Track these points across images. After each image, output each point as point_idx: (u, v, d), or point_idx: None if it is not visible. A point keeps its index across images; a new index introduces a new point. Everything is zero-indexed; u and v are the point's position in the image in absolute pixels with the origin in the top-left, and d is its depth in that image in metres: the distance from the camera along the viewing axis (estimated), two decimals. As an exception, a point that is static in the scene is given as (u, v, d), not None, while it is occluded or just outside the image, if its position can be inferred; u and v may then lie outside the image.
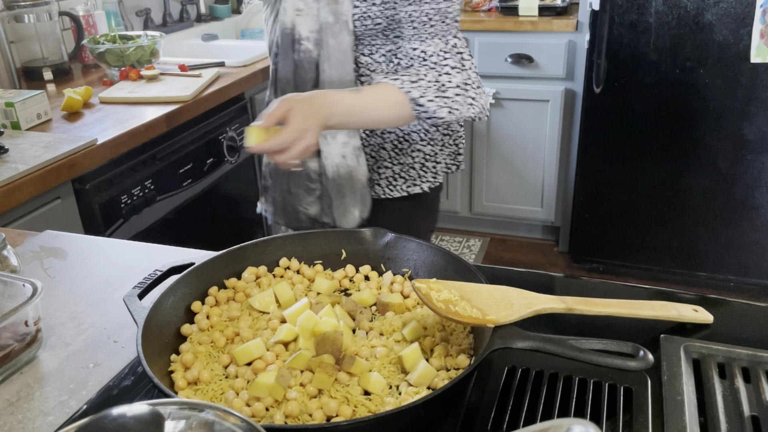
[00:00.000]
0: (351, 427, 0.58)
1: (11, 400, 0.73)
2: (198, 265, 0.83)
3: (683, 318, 0.80)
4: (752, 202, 2.50)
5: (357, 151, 1.26)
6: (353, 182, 1.27)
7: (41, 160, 1.46)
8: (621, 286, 0.93)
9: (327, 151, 1.25)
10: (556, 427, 0.46)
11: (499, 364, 0.75)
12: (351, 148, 1.26)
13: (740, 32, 2.28)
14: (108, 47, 2.11)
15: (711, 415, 0.66)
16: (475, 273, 0.78)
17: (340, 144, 1.25)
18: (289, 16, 1.19)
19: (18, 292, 0.79)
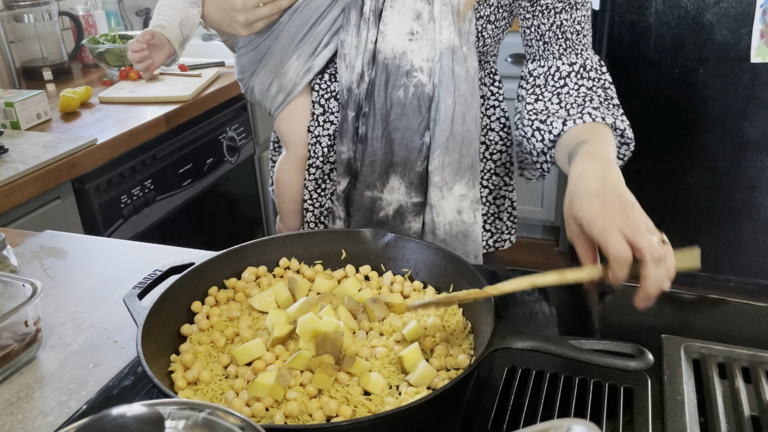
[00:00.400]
0: (351, 427, 0.58)
1: (11, 400, 0.73)
2: (198, 265, 0.83)
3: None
4: (752, 202, 2.50)
5: (475, 204, 1.05)
6: (467, 244, 1.06)
7: (41, 160, 1.46)
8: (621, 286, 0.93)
9: (440, 205, 1.03)
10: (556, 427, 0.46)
11: (499, 364, 0.75)
12: (469, 201, 1.04)
13: (740, 32, 2.28)
14: (108, 47, 2.11)
15: (711, 415, 0.66)
16: (475, 273, 0.78)
17: (456, 197, 1.03)
18: (396, 43, 0.96)
19: (18, 292, 0.79)
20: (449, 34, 0.94)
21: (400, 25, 0.95)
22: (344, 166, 1.06)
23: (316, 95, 1.08)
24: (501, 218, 1.16)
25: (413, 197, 1.05)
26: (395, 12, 0.95)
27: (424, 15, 0.95)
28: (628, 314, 0.86)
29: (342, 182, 1.07)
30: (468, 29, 0.95)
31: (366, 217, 1.08)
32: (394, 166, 1.04)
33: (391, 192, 1.06)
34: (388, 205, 1.07)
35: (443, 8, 0.94)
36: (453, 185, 1.02)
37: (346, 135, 1.04)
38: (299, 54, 1.03)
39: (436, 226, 1.05)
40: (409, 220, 1.06)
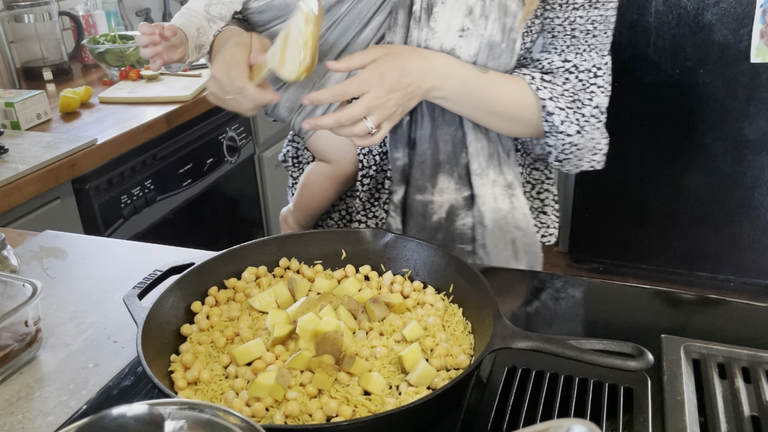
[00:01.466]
0: (351, 427, 0.58)
1: (11, 400, 0.73)
2: (198, 265, 0.83)
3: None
4: (752, 202, 2.50)
5: (508, 190, 1.03)
6: (510, 230, 1.04)
7: (41, 160, 1.46)
8: (621, 286, 0.93)
9: (483, 193, 1.02)
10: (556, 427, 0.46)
11: (499, 364, 0.75)
12: (500, 187, 1.03)
13: (740, 32, 2.28)
14: (108, 47, 2.11)
15: (711, 415, 0.66)
16: (475, 273, 0.78)
17: (490, 183, 1.03)
18: (446, 38, 0.92)
19: (18, 292, 0.79)
20: (492, 30, 0.91)
21: (452, 21, 0.91)
22: (400, 173, 1.03)
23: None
24: (545, 212, 1.14)
25: (463, 192, 1.03)
26: (447, 8, 0.91)
27: (476, 10, 0.91)
28: (628, 314, 0.86)
29: (398, 191, 1.04)
30: (512, 25, 0.92)
31: (419, 224, 1.05)
32: (441, 164, 1.02)
33: (441, 193, 1.04)
34: (440, 208, 1.04)
35: (491, 3, 0.91)
36: (488, 171, 1.02)
37: (401, 141, 1.01)
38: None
39: (484, 216, 1.03)
40: (461, 217, 1.04)
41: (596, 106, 0.96)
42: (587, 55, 0.96)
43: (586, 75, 0.96)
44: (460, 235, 1.05)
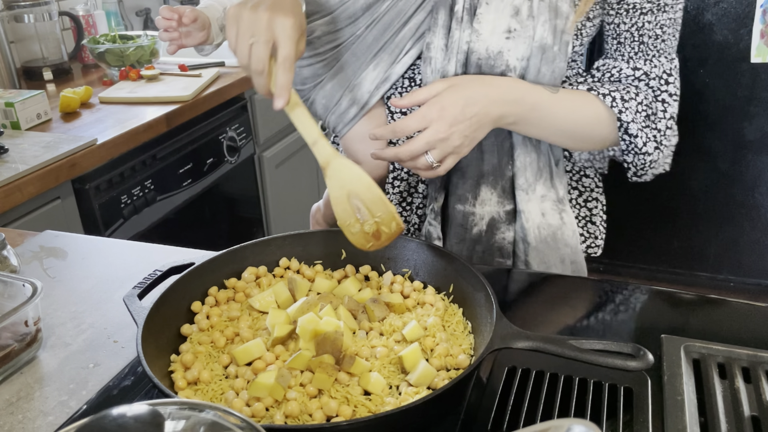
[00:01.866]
0: (351, 427, 0.58)
1: (11, 400, 0.73)
2: (198, 265, 0.83)
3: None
4: (752, 202, 2.50)
5: (559, 205, 1.00)
6: (558, 248, 1.01)
7: (41, 160, 1.46)
8: (621, 285, 0.93)
9: (527, 209, 0.99)
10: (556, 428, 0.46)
11: (499, 364, 0.75)
12: (551, 201, 1.00)
13: (740, 32, 2.28)
14: (108, 47, 2.11)
15: (711, 415, 0.66)
16: (475, 273, 0.78)
17: (538, 198, 0.99)
18: (491, 41, 0.88)
19: (18, 292, 0.79)
20: (543, 32, 0.87)
21: (497, 22, 0.87)
22: (439, 180, 1.00)
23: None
24: (594, 222, 1.10)
25: (506, 205, 1.01)
26: (491, 8, 0.88)
27: (523, 11, 0.87)
28: (628, 314, 0.86)
29: (439, 198, 1.02)
30: (563, 27, 0.88)
31: (459, 235, 1.03)
32: (485, 175, 0.99)
33: (483, 205, 1.01)
34: (481, 220, 1.01)
35: (541, 3, 0.87)
36: (535, 186, 0.99)
37: None
38: (377, 63, 0.96)
39: (527, 233, 0.99)
40: (502, 230, 1.01)
41: (670, 117, 0.94)
42: (656, 61, 0.93)
43: (657, 83, 0.93)
44: (499, 249, 1.02)
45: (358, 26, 0.95)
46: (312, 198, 2.69)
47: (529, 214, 0.99)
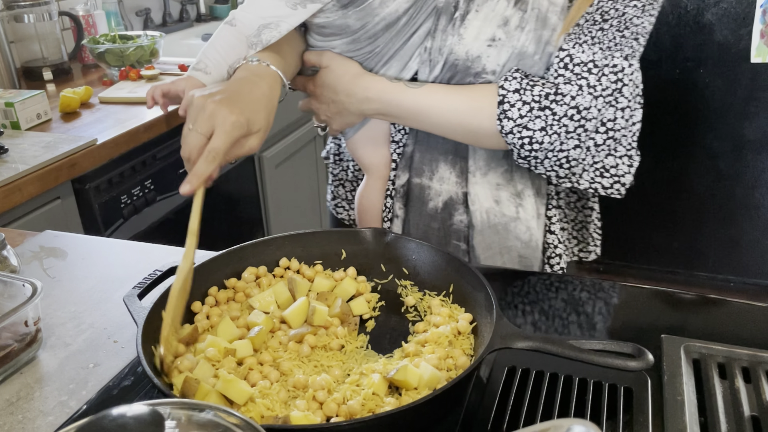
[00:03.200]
0: (351, 427, 0.58)
1: (11, 400, 0.73)
2: (198, 265, 0.83)
3: None
4: (752, 202, 2.50)
5: (518, 199, 1.00)
6: (509, 239, 1.00)
7: (41, 160, 1.46)
8: (621, 286, 0.93)
9: (474, 192, 1.00)
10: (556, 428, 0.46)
11: (499, 364, 0.75)
12: (508, 193, 1.00)
13: (740, 32, 2.28)
14: (108, 47, 2.11)
15: (711, 415, 0.66)
16: (475, 273, 0.78)
17: (492, 185, 1.00)
18: (472, 46, 0.90)
19: (18, 292, 0.79)
20: (525, 41, 0.88)
21: (482, 29, 0.89)
22: (405, 159, 1.04)
23: None
24: (587, 228, 1.12)
25: (463, 187, 1.02)
26: (480, 16, 0.90)
27: (513, 22, 0.88)
28: (628, 314, 0.86)
29: (401, 176, 1.04)
30: (548, 38, 0.88)
31: (416, 208, 1.04)
32: (444, 153, 1.01)
33: (441, 182, 1.02)
34: (437, 196, 1.03)
35: (531, 14, 0.88)
36: (487, 171, 0.99)
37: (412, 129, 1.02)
38: (386, 70, 0.98)
39: (473, 216, 1.00)
40: (460, 212, 1.02)
41: (574, 107, 0.87)
42: (588, 48, 0.87)
43: (580, 69, 0.87)
44: (456, 231, 1.03)
45: (377, 44, 0.97)
46: (312, 198, 2.68)
47: (476, 197, 1.00)
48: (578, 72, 0.88)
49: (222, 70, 0.98)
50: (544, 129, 0.89)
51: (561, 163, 0.92)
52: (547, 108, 0.88)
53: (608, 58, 0.88)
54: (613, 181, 0.97)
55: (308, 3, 0.93)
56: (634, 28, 0.88)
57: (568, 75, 0.88)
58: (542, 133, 0.89)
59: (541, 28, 0.88)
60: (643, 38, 0.90)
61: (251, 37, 0.95)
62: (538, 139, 0.89)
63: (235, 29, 0.97)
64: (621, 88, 0.89)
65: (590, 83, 0.88)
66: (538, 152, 0.91)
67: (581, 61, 0.88)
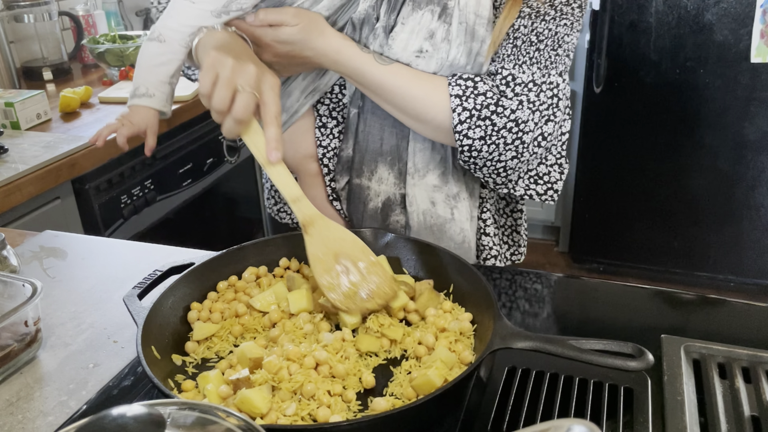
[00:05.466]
0: (351, 427, 0.58)
1: (11, 400, 0.73)
2: (198, 265, 0.83)
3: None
4: (752, 202, 2.50)
5: (452, 201, 1.02)
6: (443, 240, 1.03)
7: (41, 160, 1.46)
8: (621, 286, 0.93)
9: (413, 193, 1.02)
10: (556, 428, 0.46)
11: (499, 364, 0.75)
12: (444, 195, 1.02)
13: (740, 32, 2.28)
14: (108, 47, 2.11)
15: (711, 416, 0.66)
16: (475, 273, 0.78)
17: (429, 186, 1.02)
18: (401, 56, 0.93)
19: (18, 292, 0.79)
20: (456, 54, 0.91)
21: (409, 42, 0.92)
22: (343, 163, 1.05)
23: (326, 109, 1.04)
24: (518, 231, 1.14)
25: (401, 188, 1.03)
26: (406, 29, 0.92)
27: (438, 35, 0.91)
28: (628, 314, 0.86)
29: (341, 180, 1.06)
30: (478, 49, 0.91)
31: (357, 209, 1.06)
32: (383, 154, 1.02)
33: (380, 183, 1.04)
34: (377, 197, 1.04)
35: (459, 27, 0.90)
36: (425, 174, 1.01)
37: (350, 132, 1.03)
38: (305, 74, 1.00)
39: (410, 217, 1.02)
40: (397, 213, 1.04)
41: (516, 120, 0.90)
42: (527, 69, 0.91)
43: (521, 89, 0.90)
44: (392, 231, 1.01)
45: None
46: (312, 198, 2.68)
47: (413, 199, 1.02)
48: (518, 92, 0.91)
49: (164, 88, 0.98)
50: (483, 139, 0.91)
51: (498, 171, 0.95)
52: (487, 118, 0.90)
53: (545, 75, 0.92)
54: (547, 187, 1.00)
55: (232, 12, 0.93)
56: (566, 45, 0.93)
57: (509, 93, 0.91)
58: (481, 142, 0.91)
59: (470, 40, 0.90)
60: (572, 53, 0.95)
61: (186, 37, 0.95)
62: (476, 147, 0.91)
63: (163, 44, 0.96)
64: (557, 102, 0.93)
65: (530, 99, 0.91)
66: (477, 159, 0.93)
67: (522, 81, 0.91)
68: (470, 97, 0.90)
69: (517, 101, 0.90)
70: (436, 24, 0.91)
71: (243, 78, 0.78)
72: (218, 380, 0.68)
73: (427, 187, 1.02)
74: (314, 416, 0.65)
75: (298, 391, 0.67)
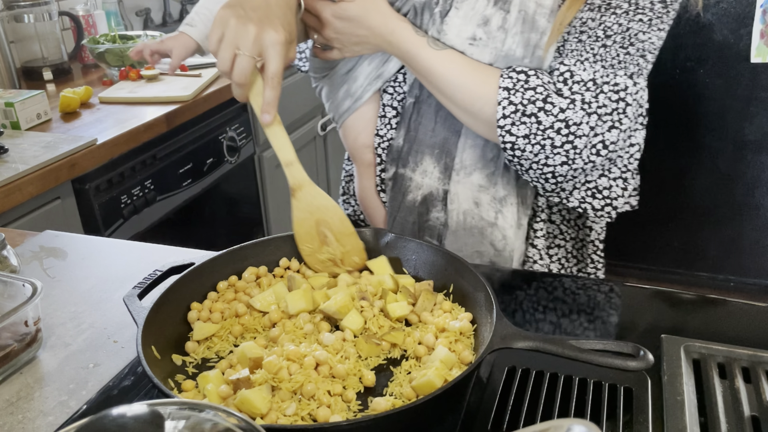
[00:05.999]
0: (351, 427, 0.58)
1: (11, 400, 0.73)
2: (198, 265, 0.83)
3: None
4: (752, 202, 2.50)
5: (498, 205, 0.96)
6: (483, 243, 0.98)
7: (41, 160, 1.46)
8: (621, 286, 0.93)
9: (455, 191, 0.98)
10: (556, 428, 0.46)
11: (499, 364, 0.75)
12: (490, 197, 0.96)
13: (740, 32, 2.28)
14: (108, 47, 2.11)
15: (711, 415, 0.66)
16: (475, 273, 0.78)
17: (474, 185, 0.97)
18: (455, 42, 0.90)
19: (18, 292, 0.79)
20: (512, 44, 0.87)
21: (462, 28, 0.89)
22: (393, 152, 1.03)
23: (389, 98, 1.03)
24: (586, 248, 1.07)
25: (445, 184, 0.99)
26: (459, 14, 0.89)
27: (494, 22, 0.87)
28: (628, 314, 0.86)
29: (389, 170, 1.03)
30: (537, 41, 0.86)
31: (395, 198, 1.03)
32: (432, 146, 0.99)
33: (423, 175, 1.00)
34: (417, 189, 1.01)
35: (518, 15, 0.86)
36: (472, 172, 0.96)
37: (403, 121, 1.01)
38: (371, 59, 0.99)
39: (449, 216, 0.98)
40: (438, 209, 1.00)
41: (563, 120, 0.83)
42: (589, 66, 0.84)
43: (579, 87, 0.84)
44: (430, 227, 1.01)
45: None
46: (312, 198, 2.68)
47: (455, 196, 0.98)
48: (575, 90, 0.85)
49: (208, 23, 1.00)
50: (528, 137, 0.85)
51: (546, 176, 0.89)
52: (533, 115, 0.85)
53: (610, 76, 0.85)
54: (605, 203, 0.94)
55: None
56: (640, 44, 0.84)
57: (565, 91, 0.85)
58: (525, 141, 0.86)
59: (529, 30, 0.86)
60: (651, 55, 0.86)
61: None
62: (520, 146, 0.86)
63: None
64: (624, 108, 0.85)
65: (585, 99, 0.84)
66: (522, 159, 0.88)
67: (581, 79, 0.85)
68: (519, 90, 0.85)
69: (569, 100, 0.84)
70: (492, 10, 0.87)
71: (242, 39, 0.77)
72: (218, 380, 0.68)
73: (471, 186, 0.97)
74: (314, 416, 0.65)
75: (298, 391, 0.67)
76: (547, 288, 0.93)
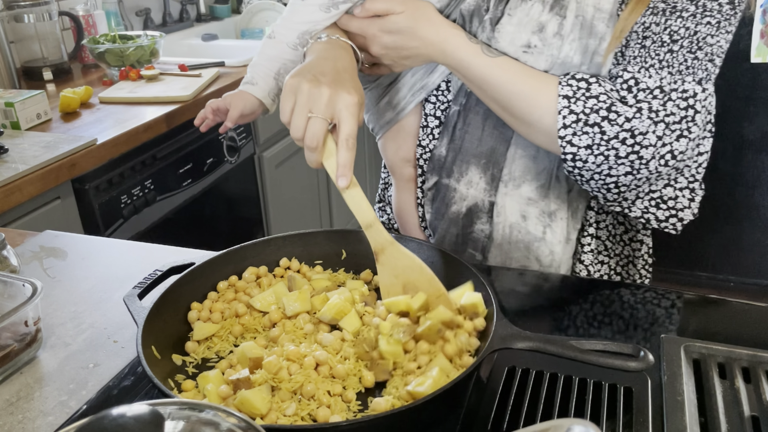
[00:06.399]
0: (351, 427, 0.58)
1: (11, 400, 0.73)
2: (198, 265, 0.83)
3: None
4: (752, 202, 2.50)
5: (547, 219, 0.94)
6: (528, 258, 0.96)
7: (41, 160, 1.46)
8: (621, 286, 0.93)
9: (502, 203, 0.95)
10: (556, 428, 0.46)
11: (499, 364, 0.75)
12: (539, 210, 0.94)
13: (740, 32, 2.28)
14: (108, 47, 2.11)
15: (711, 416, 0.66)
16: (475, 273, 0.78)
17: (523, 198, 0.94)
18: (508, 50, 0.87)
19: (18, 292, 0.79)
20: (569, 51, 0.83)
21: (515, 35, 0.85)
22: (435, 161, 1.00)
23: (432, 107, 1.00)
24: (635, 264, 1.04)
25: (491, 196, 0.96)
26: (513, 21, 0.86)
27: (549, 29, 0.84)
28: (628, 314, 0.86)
29: (430, 180, 1.01)
30: (595, 47, 0.83)
31: (439, 210, 1.00)
32: (478, 156, 0.96)
33: (468, 186, 0.97)
34: (462, 200, 0.98)
35: (575, 21, 0.83)
36: (521, 183, 0.93)
37: (447, 130, 0.97)
38: (415, 70, 0.98)
39: (494, 228, 0.95)
40: (483, 221, 0.97)
41: (629, 130, 0.79)
42: (655, 72, 0.80)
43: (644, 95, 0.80)
44: (474, 240, 0.98)
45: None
46: (312, 198, 2.68)
47: (502, 209, 0.95)
48: (641, 98, 0.81)
49: (269, 80, 1.00)
50: (590, 148, 0.82)
51: (609, 186, 0.86)
52: (596, 125, 0.81)
53: (678, 82, 0.81)
54: (670, 214, 0.90)
55: (340, 4, 0.92)
56: (708, 48, 0.80)
57: (630, 99, 0.82)
58: (587, 151, 0.82)
59: (587, 36, 0.82)
60: (719, 59, 0.82)
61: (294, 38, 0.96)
62: (582, 157, 0.83)
63: (274, 41, 0.99)
64: (693, 116, 0.81)
65: (653, 107, 0.80)
66: (583, 170, 0.84)
67: (647, 87, 0.81)
68: (580, 99, 0.81)
69: (635, 109, 0.80)
70: (547, 16, 0.84)
71: (316, 102, 0.76)
72: (218, 380, 0.68)
73: (520, 199, 0.94)
74: (314, 416, 0.65)
75: (298, 391, 0.67)
76: (547, 288, 0.93)
